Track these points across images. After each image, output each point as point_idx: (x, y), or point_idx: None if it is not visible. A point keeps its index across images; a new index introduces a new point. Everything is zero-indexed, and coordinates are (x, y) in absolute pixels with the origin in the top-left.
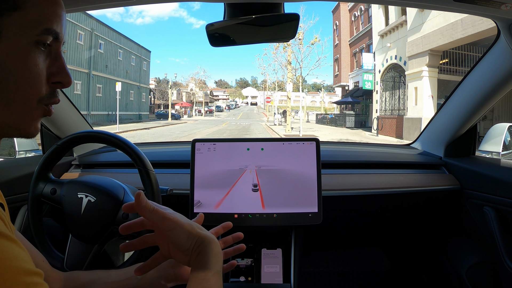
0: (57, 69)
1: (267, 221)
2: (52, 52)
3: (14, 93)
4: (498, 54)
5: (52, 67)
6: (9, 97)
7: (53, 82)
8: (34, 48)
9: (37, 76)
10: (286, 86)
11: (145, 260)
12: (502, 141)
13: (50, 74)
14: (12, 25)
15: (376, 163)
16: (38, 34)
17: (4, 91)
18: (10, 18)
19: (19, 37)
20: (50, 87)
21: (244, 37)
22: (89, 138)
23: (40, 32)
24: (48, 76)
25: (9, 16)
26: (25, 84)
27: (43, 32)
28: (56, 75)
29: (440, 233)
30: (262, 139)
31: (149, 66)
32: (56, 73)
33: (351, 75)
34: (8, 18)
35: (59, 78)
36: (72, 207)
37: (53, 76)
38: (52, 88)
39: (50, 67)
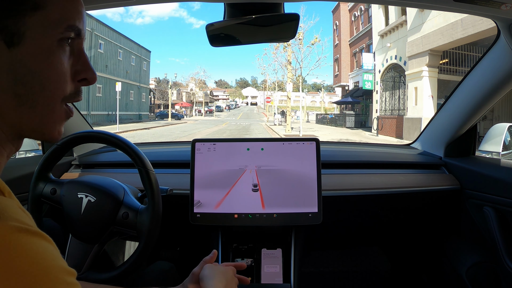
0: (81, 66)
1: (267, 221)
2: (75, 49)
3: (39, 95)
4: (498, 54)
5: (77, 64)
6: (34, 98)
7: (78, 80)
8: (58, 47)
9: (63, 75)
10: (286, 86)
11: (145, 261)
12: (502, 141)
13: (75, 72)
14: (35, 25)
15: (376, 163)
16: (61, 32)
17: (29, 93)
18: (32, 18)
19: (43, 37)
20: (76, 85)
21: (244, 37)
22: (89, 138)
23: (63, 30)
24: (73, 74)
25: (31, 16)
26: (50, 85)
27: (66, 29)
28: (81, 72)
29: (440, 233)
30: (262, 139)
31: (149, 66)
32: (81, 70)
33: (351, 75)
34: (30, 18)
35: (84, 75)
36: (72, 207)
37: (78, 73)
38: (77, 87)
39: (74, 65)
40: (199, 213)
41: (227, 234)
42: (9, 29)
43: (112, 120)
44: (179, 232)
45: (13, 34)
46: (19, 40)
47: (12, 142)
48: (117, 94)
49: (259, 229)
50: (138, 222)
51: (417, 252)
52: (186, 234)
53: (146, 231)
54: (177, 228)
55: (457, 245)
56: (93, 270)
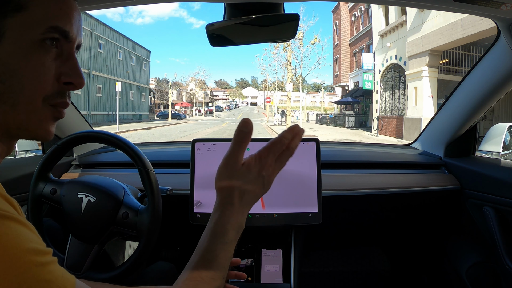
0: (68, 69)
1: (267, 221)
2: (64, 52)
3: (19, 93)
4: (498, 54)
5: (63, 67)
6: (14, 97)
7: (64, 82)
8: (39, 47)
9: (42, 75)
10: (286, 86)
11: (145, 261)
12: (502, 141)
13: (60, 73)
14: (16, 26)
15: (376, 163)
16: (42, 33)
17: (9, 91)
18: (14, 19)
19: (23, 36)
20: (61, 87)
21: (244, 37)
22: (89, 138)
23: (44, 30)
24: (58, 75)
25: (12, 17)
26: (29, 83)
27: (48, 30)
28: (66, 75)
29: (440, 233)
30: (262, 139)
31: (149, 66)
32: (67, 73)
33: (351, 75)
34: (12, 18)
35: (70, 78)
36: (72, 207)
37: (64, 76)
38: (61, 88)
39: (60, 67)
40: (199, 213)
41: None
42: None
43: (112, 120)
44: (179, 232)
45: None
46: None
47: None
48: (117, 94)
49: (259, 229)
50: (138, 222)
51: (417, 252)
52: (186, 234)
53: (146, 231)
54: (177, 228)
55: (457, 245)
56: (93, 270)
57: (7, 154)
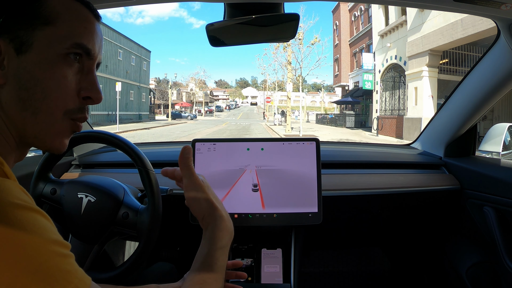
0: (87, 84)
1: (267, 221)
2: (84, 68)
3: (41, 102)
4: (498, 54)
5: (83, 82)
6: (36, 105)
7: (83, 97)
8: (63, 61)
9: (64, 87)
10: (286, 86)
11: (145, 261)
12: (502, 141)
13: (80, 88)
14: (43, 38)
15: (376, 163)
16: (67, 48)
17: (32, 99)
18: (42, 32)
19: (49, 49)
20: (80, 102)
21: (244, 37)
22: (89, 138)
23: (69, 45)
24: (78, 90)
25: (41, 30)
26: (52, 94)
27: (72, 46)
28: (86, 90)
29: (440, 233)
30: (262, 139)
31: (149, 66)
32: (86, 88)
33: (351, 75)
34: (40, 31)
35: (89, 93)
36: (72, 207)
37: (83, 90)
38: (82, 104)
39: (80, 82)
40: None
41: None
42: (20, 39)
43: (112, 120)
44: (179, 232)
45: (23, 43)
46: (26, 49)
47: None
48: (117, 94)
49: (259, 229)
50: (138, 222)
51: (417, 252)
52: (186, 234)
53: (146, 231)
54: (177, 228)
55: (457, 245)
56: (93, 270)
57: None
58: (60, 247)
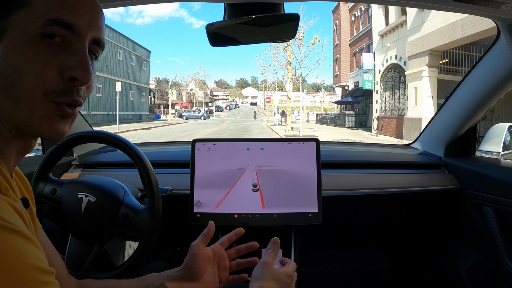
0: (72, 63)
1: (267, 221)
2: (71, 47)
3: (20, 88)
4: (498, 54)
5: (67, 61)
6: (16, 92)
7: (69, 78)
8: (39, 42)
9: (41, 68)
10: (286, 86)
11: (145, 261)
12: (502, 141)
13: (64, 68)
14: (18, 21)
15: (376, 163)
16: (41, 26)
17: (12, 86)
18: (16, 16)
19: (23, 31)
20: (65, 83)
21: (244, 37)
22: (89, 138)
23: (42, 23)
24: (62, 70)
25: (16, 13)
26: (28, 78)
27: (47, 23)
28: (70, 69)
29: (440, 233)
30: (262, 139)
31: (149, 66)
32: (71, 67)
33: (351, 75)
34: (15, 15)
35: (73, 73)
36: (72, 207)
37: (67, 70)
38: (67, 85)
39: (64, 61)
40: (199, 213)
41: (227, 234)
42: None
43: (112, 120)
44: (179, 232)
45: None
46: (1, 36)
47: (18, 138)
48: (117, 94)
49: (259, 229)
50: (138, 222)
51: (417, 252)
52: (186, 234)
53: (146, 231)
54: (177, 228)
55: (457, 245)
56: (93, 270)
57: (28, 151)
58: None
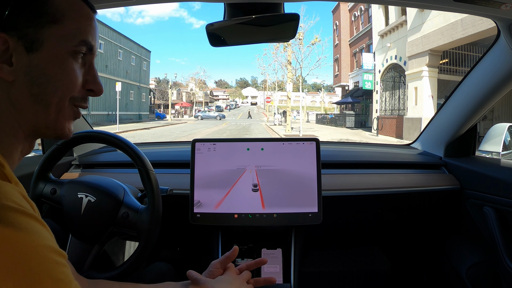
0: (91, 78)
1: (267, 221)
2: (86, 62)
3: (52, 96)
4: (498, 54)
5: (87, 75)
6: (48, 99)
7: (87, 89)
8: (71, 58)
9: (73, 81)
10: (286, 86)
11: (145, 261)
12: (502, 141)
13: (85, 81)
14: (53, 37)
15: (376, 163)
16: (75, 45)
17: (43, 93)
18: (51, 30)
19: (58, 47)
20: (84, 93)
21: (244, 37)
22: (89, 138)
23: (76, 43)
24: (83, 83)
25: (49, 28)
26: (61, 88)
27: (79, 43)
28: (89, 83)
29: (440, 233)
30: (262, 139)
31: (149, 66)
32: (90, 81)
33: (351, 75)
34: (49, 30)
35: (92, 86)
36: (72, 207)
37: (87, 83)
38: (84, 94)
39: (85, 75)
40: (199, 213)
41: (227, 234)
42: (29, 37)
43: (112, 120)
44: (179, 232)
45: (33, 41)
46: (37, 47)
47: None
48: (117, 94)
49: (259, 229)
50: (138, 222)
51: (417, 252)
52: (186, 234)
53: (146, 231)
54: (177, 228)
55: (457, 245)
56: (93, 270)
57: (28, 152)
58: (55, 254)
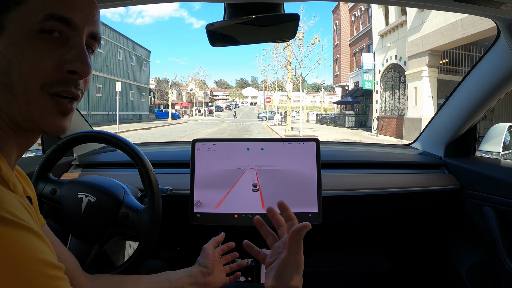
0: (71, 57)
1: (267, 221)
2: (69, 41)
3: (18, 83)
4: (498, 54)
5: (66, 54)
6: (15, 87)
7: (68, 71)
8: (37, 37)
9: (37, 62)
10: (286, 86)
11: (145, 260)
12: (502, 141)
13: (63, 61)
14: (16, 18)
15: (376, 163)
16: (38, 22)
17: (11, 81)
18: (14, 12)
19: (21, 27)
20: (64, 75)
21: (244, 37)
22: (89, 138)
23: (40, 19)
24: (58, 64)
25: (13, 10)
26: (26, 72)
27: (45, 18)
28: (69, 63)
29: (440, 233)
30: (262, 139)
31: (149, 66)
32: (70, 61)
33: (351, 75)
34: (13, 12)
35: (72, 66)
36: (72, 207)
37: (66, 63)
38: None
39: (63, 55)
40: (199, 213)
41: (227, 234)
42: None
43: (112, 120)
44: (179, 232)
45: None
46: (0, 33)
47: (17, 133)
48: (117, 94)
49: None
50: (138, 222)
51: (417, 252)
52: (186, 234)
53: (146, 231)
54: (177, 228)
55: (457, 245)
56: (93, 270)
57: (27, 147)
58: (48, 268)
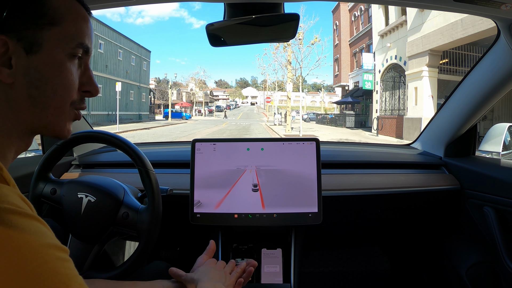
0: (87, 80)
1: (267, 221)
2: (82, 64)
3: (51, 99)
4: (498, 54)
5: (83, 77)
6: (46, 101)
7: (83, 90)
8: (69, 60)
9: (71, 83)
10: (286, 86)
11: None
12: (502, 141)
13: (81, 83)
14: (51, 39)
15: (376, 163)
16: (73, 48)
17: (42, 96)
18: (50, 32)
19: (57, 49)
20: (81, 95)
21: (244, 37)
22: (89, 138)
23: (74, 46)
24: (79, 85)
25: (48, 30)
26: (60, 90)
27: (77, 46)
28: (86, 85)
29: (440, 233)
30: (262, 139)
31: (149, 66)
32: (86, 83)
33: (351, 75)
34: (48, 32)
35: (88, 87)
36: (72, 207)
37: (83, 85)
38: (81, 96)
39: (81, 77)
40: (199, 213)
41: (227, 234)
42: (29, 39)
43: (112, 120)
44: (179, 232)
45: (32, 43)
46: (37, 49)
47: (22, 138)
48: (117, 94)
49: (259, 229)
50: (138, 222)
51: (417, 252)
52: (186, 234)
53: (146, 231)
54: (177, 228)
55: (457, 245)
56: (93, 270)
57: (25, 150)
58: (58, 251)
